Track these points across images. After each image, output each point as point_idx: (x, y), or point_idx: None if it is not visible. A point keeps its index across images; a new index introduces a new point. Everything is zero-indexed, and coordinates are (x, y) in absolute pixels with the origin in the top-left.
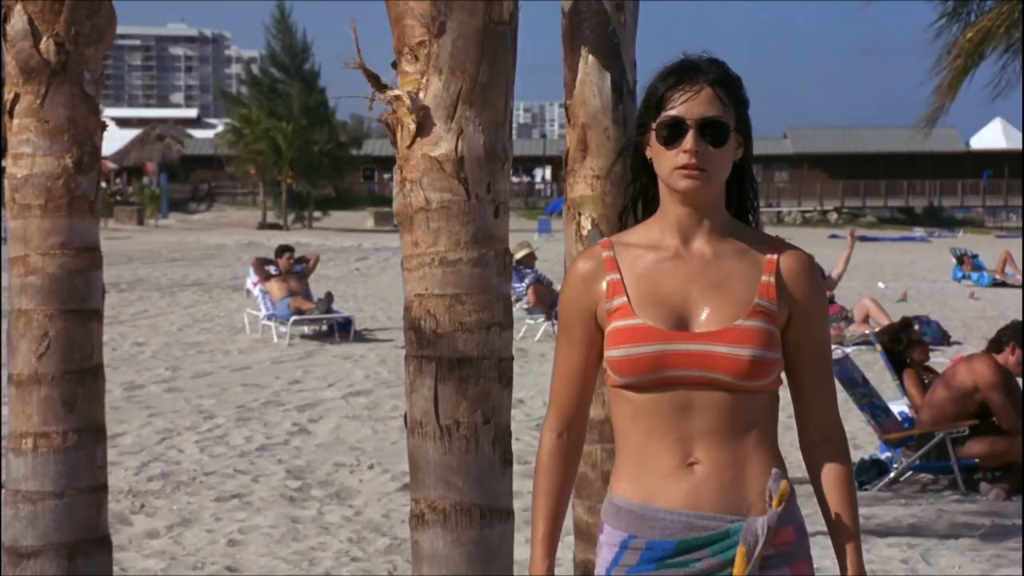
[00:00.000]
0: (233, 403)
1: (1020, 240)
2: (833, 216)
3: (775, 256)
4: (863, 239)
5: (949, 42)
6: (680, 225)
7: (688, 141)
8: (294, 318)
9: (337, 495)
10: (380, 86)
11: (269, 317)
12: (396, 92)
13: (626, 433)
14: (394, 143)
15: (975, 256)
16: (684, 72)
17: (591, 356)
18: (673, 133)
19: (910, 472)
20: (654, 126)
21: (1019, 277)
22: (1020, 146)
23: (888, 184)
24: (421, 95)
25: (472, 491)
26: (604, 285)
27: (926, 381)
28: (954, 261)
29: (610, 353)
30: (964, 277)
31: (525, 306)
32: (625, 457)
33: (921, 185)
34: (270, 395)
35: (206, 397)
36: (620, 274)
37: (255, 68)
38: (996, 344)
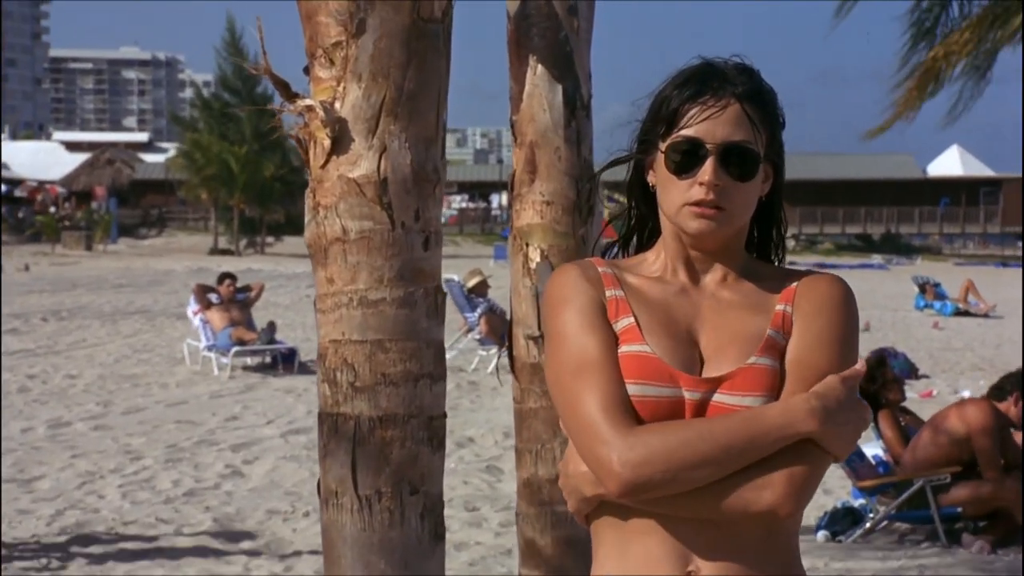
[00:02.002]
0: (164, 442)
1: (981, 268)
2: (791, 243)
3: (795, 284)
4: (821, 267)
5: (915, 64)
6: (686, 264)
7: (707, 171)
8: (235, 349)
9: (268, 547)
10: (289, 95)
11: (210, 348)
12: (307, 102)
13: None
14: (306, 162)
15: (937, 284)
16: (707, 81)
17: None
18: (688, 159)
19: (886, 522)
20: (663, 147)
21: (982, 306)
22: (976, 173)
23: (845, 211)
24: (337, 105)
25: (396, 573)
26: (606, 297)
27: (902, 423)
28: (916, 289)
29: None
30: (927, 306)
31: (477, 336)
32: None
33: (878, 212)
34: (204, 433)
35: (135, 436)
36: (624, 292)
37: (206, 92)
38: (998, 391)
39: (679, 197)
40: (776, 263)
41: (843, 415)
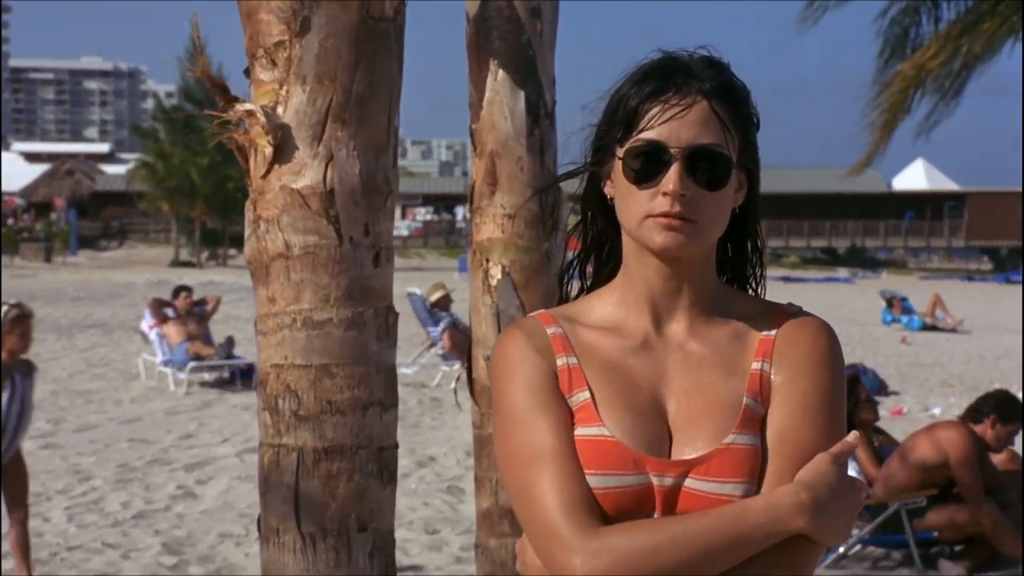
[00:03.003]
0: (115, 462)
1: (949, 282)
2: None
3: (773, 332)
4: (787, 280)
5: (886, 79)
6: (651, 297)
7: (671, 179)
8: (192, 364)
9: (219, 573)
10: (228, 99)
11: (166, 363)
12: (247, 106)
13: None
14: (246, 172)
15: (904, 299)
16: (669, 77)
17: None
18: (649, 165)
19: (860, 546)
20: (620, 153)
21: (949, 321)
22: (941, 187)
23: (811, 224)
24: (279, 110)
25: None
26: (557, 367)
27: (876, 443)
28: (883, 304)
29: None
30: (894, 320)
31: (440, 352)
32: None
33: (844, 226)
34: (157, 452)
35: (86, 455)
36: (577, 358)
37: (168, 102)
38: (974, 413)
39: (641, 209)
40: (753, 288)
41: (836, 504)
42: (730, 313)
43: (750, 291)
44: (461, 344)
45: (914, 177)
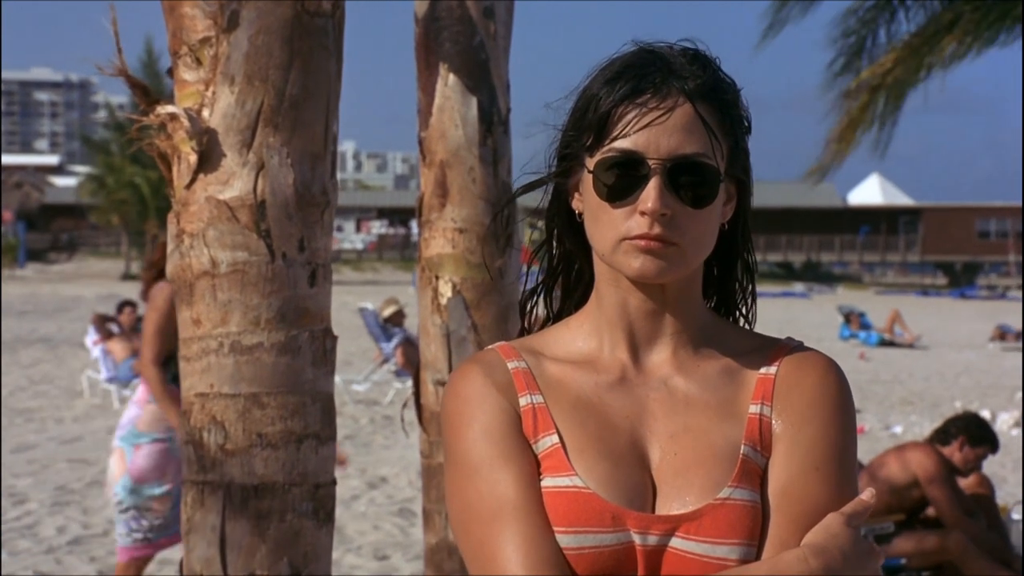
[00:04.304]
0: (53, 483)
1: (905, 297)
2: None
3: (772, 370)
4: None
5: (841, 92)
6: (628, 324)
7: (650, 196)
8: (137, 381)
9: None
10: (149, 100)
11: (110, 380)
12: (170, 109)
13: None
14: (169, 181)
15: (862, 314)
16: (646, 75)
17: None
18: (624, 180)
19: None
20: (591, 164)
21: (907, 336)
22: (896, 202)
23: (766, 239)
24: (205, 113)
25: None
26: (520, 407)
27: None
28: (841, 319)
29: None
30: (852, 336)
31: (393, 368)
32: None
33: (799, 240)
34: (97, 473)
35: (22, 476)
36: (543, 396)
37: (120, 114)
38: (942, 435)
39: (615, 230)
40: (743, 314)
41: (849, 571)
42: (720, 345)
43: (740, 318)
44: (415, 360)
45: (869, 192)
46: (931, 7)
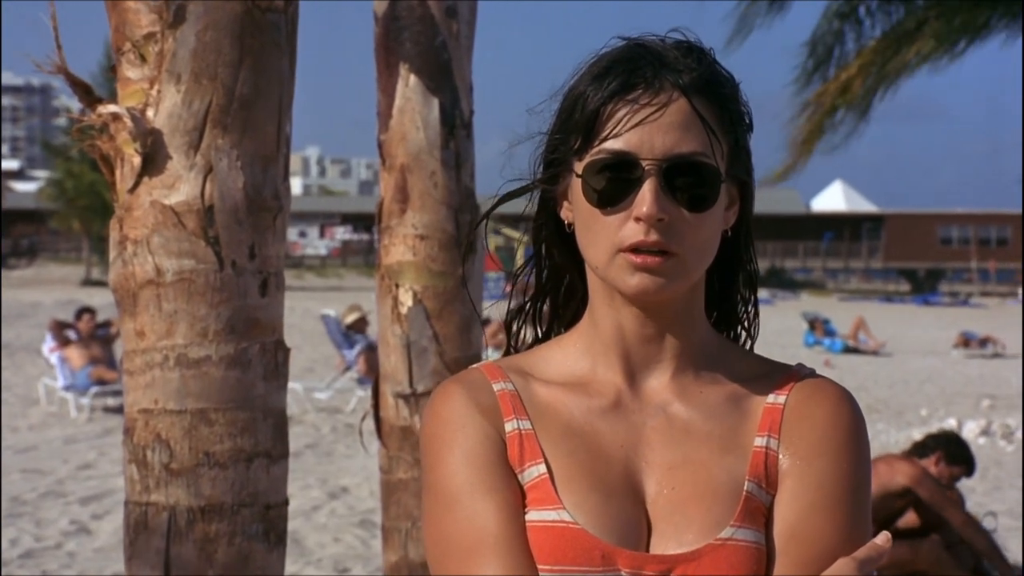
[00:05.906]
0: (5, 495)
1: (868, 303)
2: None
3: (781, 399)
4: None
5: (805, 99)
6: (623, 344)
7: (644, 200)
8: (95, 389)
9: None
10: (91, 100)
11: (67, 388)
12: (112, 108)
13: None
14: (111, 185)
15: (827, 321)
16: (637, 69)
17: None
18: (616, 184)
19: None
20: (579, 168)
21: (871, 343)
22: (859, 208)
23: None
24: (150, 113)
25: None
26: (506, 433)
27: None
28: (805, 325)
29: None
30: (816, 343)
31: (355, 376)
32: None
33: (762, 246)
34: (52, 483)
35: None
36: (530, 421)
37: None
38: (920, 448)
39: (608, 240)
40: (746, 329)
41: None
42: (724, 369)
43: (743, 336)
44: (377, 368)
45: (833, 199)
46: (897, 15)
